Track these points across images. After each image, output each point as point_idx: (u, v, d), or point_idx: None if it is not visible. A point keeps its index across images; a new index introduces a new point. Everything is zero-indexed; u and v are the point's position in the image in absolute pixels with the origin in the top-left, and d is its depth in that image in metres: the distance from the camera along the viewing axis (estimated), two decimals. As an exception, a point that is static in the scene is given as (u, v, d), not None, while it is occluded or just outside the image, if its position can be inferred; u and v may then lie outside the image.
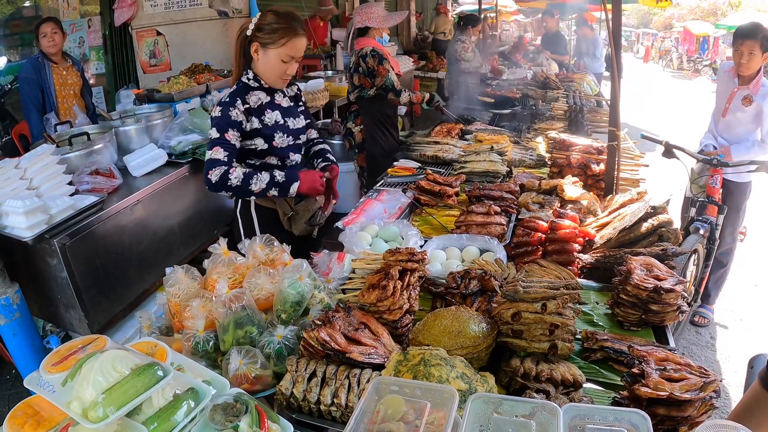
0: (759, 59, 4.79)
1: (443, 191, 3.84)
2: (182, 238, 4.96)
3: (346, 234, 3.14)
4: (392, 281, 2.33)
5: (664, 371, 1.90)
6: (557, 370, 2.02)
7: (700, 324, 5.42)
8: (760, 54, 4.76)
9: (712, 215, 4.70)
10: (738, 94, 4.98)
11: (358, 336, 2.11)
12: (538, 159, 4.84)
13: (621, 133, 3.93)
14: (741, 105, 4.94)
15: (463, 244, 3.13)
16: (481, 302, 2.50)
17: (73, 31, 8.57)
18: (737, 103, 4.97)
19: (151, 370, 1.70)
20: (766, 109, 4.83)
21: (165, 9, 8.04)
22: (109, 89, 8.75)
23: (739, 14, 28.58)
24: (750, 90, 4.89)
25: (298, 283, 2.35)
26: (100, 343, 1.85)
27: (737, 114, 5.00)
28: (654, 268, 2.58)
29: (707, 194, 4.76)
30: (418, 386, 1.67)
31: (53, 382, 1.74)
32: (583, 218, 3.44)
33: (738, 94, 4.98)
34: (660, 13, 46.60)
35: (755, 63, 4.82)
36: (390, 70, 5.73)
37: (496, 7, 18.92)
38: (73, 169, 4.33)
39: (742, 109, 4.95)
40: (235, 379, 2.04)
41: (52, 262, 3.86)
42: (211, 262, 2.56)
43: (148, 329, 2.54)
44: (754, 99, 4.86)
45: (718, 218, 4.76)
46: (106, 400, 1.60)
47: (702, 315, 5.47)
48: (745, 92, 4.92)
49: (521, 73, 9.97)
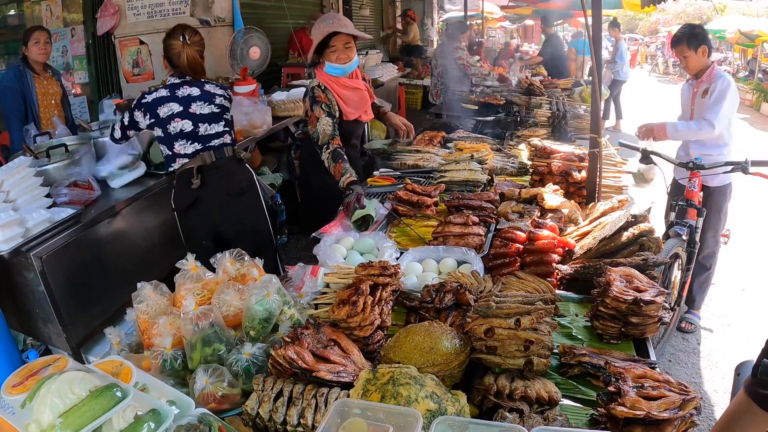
0: (695, 57, 5.02)
1: (422, 201, 3.79)
2: (162, 250, 4.91)
3: (320, 246, 3.09)
4: (362, 297, 2.28)
5: (641, 389, 1.86)
6: (532, 388, 1.98)
7: (687, 330, 5.40)
8: (693, 52, 4.99)
9: (692, 219, 4.72)
10: (698, 91, 5.10)
11: (326, 353, 2.06)
12: (520, 167, 4.80)
13: (603, 140, 3.91)
14: (702, 100, 5.04)
15: (440, 256, 3.09)
16: (456, 317, 2.45)
17: (57, 40, 8.51)
18: (699, 100, 5.09)
19: (109, 392, 1.67)
20: (715, 86, 4.93)
21: (148, 18, 8.01)
22: (92, 99, 8.71)
23: (724, 18, 28.68)
24: (705, 83, 5.02)
25: (266, 300, 2.30)
26: (61, 364, 1.82)
27: (702, 111, 5.05)
28: (634, 279, 2.54)
29: (686, 198, 4.75)
30: (381, 409, 1.63)
31: (13, 403, 1.72)
32: (564, 227, 3.40)
33: (698, 92, 5.10)
34: (645, 18, 46.77)
35: (694, 61, 5.04)
36: (320, 117, 4.16)
37: (482, 13, 18.95)
38: (52, 181, 4.29)
39: (704, 104, 5.03)
40: (202, 398, 2.00)
41: (28, 276, 3.81)
42: (179, 277, 2.52)
43: (118, 346, 2.49)
44: (710, 89, 4.97)
45: (697, 221, 4.78)
46: (63, 423, 1.59)
47: (688, 321, 5.45)
48: (703, 87, 5.04)
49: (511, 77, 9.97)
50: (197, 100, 4.11)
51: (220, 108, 4.23)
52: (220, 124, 4.21)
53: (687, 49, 4.99)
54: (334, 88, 4.30)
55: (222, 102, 4.25)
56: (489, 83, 9.53)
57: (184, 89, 4.12)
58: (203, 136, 4.12)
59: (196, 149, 4.09)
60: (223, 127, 4.23)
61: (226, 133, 4.24)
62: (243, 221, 4.24)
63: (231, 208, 4.18)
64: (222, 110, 4.24)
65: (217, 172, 4.13)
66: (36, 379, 1.74)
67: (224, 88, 4.38)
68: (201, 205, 4.12)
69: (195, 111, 4.09)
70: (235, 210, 4.21)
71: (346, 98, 4.36)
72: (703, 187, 4.93)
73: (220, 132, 4.20)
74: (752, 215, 7.77)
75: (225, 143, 4.22)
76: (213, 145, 4.15)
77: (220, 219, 4.17)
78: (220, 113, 4.22)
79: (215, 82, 4.35)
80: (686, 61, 5.07)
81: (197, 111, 4.10)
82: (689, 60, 5.03)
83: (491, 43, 26.06)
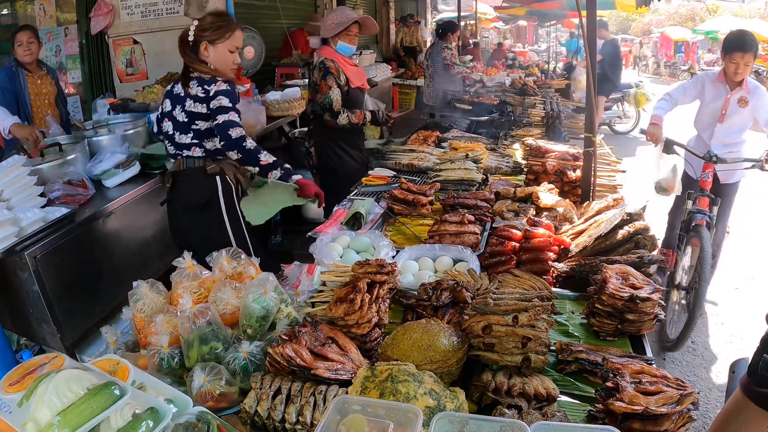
0: (750, 65, 5.02)
1: (417, 200, 3.80)
2: (157, 250, 4.89)
3: (316, 245, 3.09)
4: (360, 294, 2.28)
5: (639, 384, 1.87)
6: (530, 384, 1.98)
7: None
8: (752, 60, 4.99)
9: (703, 207, 4.89)
10: (732, 98, 5.14)
11: (324, 351, 2.06)
12: (514, 166, 4.82)
13: (597, 139, 3.92)
14: (738, 107, 5.13)
15: (436, 254, 3.09)
16: (453, 314, 2.45)
17: (50, 39, 8.48)
18: (734, 106, 5.15)
19: (107, 390, 1.66)
20: (759, 102, 5.06)
21: (142, 17, 7.98)
22: (86, 98, 8.65)
23: (716, 20, 28.84)
24: (743, 91, 5.09)
25: (264, 298, 2.30)
26: (58, 362, 1.81)
27: (734, 117, 5.19)
28: (630, 277, 2.55)
29: (700, 188, 4.95)
30: (381, 405, 1.63)
31: (10, 402, 1.71)
32: (559, 226, 3.40)
33: (733, 99, 5.14)
34: (638, 19, 46.93)
35: (748, 71, 5.05)
36: (332, 87, 5.06)
37: (475, 14, 18.97)
38: (45, 181, 4.27)
39: (739, 112, 5.15)
40: (200, 397, 2.00)
41: (23, 276, 3.78)
42: (176, 276, 2.51)
43: (114, 345, 2.49)
44: (748, 99, 5.08)
45: (711, 210, 4.94)
46: (61, 421, 1.58)
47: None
48: (739, 94, 5.11)
49: (500, 79, 9.96)
50: (178, 104, 3.84)
51: (189, 116, 3.79)
52: (188, 135, 3.85)
53: (752, 59, 4.98)
54: (340, 60, 5.22)
55: (191, 107, 3.78)
56: (478, 83, 9.55)
57: (178, 87, 3.90)
58: (177, 143, 3.90)
59: (175, 152, 3.95)
60: (191, 139, 3.85)
61: (194, 146, 3.87)
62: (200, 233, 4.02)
63: (189, 217, 4.02)
64: (191, 118, 3.80)
65: (184, 180, 3.98)
66: (33, 378, 1.73)
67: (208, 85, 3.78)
68: (170, 207, 4.08)
69: (176, 115, 3.85)
70: (193, 220, 4.01)
71: (349, 70, 5.29)
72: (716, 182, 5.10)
73: (187, 144, 3.86)
74: (745, 213, 7.79)
75: (191, 156, 3.89)
76: (183, 154, 3.91)
77: (181, 225, 4.08)
78: (187, 123, 3.81)
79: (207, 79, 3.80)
80: (745, 69, 5.01)
81: (177, 115, 3.85)
82: (747, 68, 5.01)
83: (484, 43, 26.14)
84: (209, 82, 3.75)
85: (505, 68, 14.25)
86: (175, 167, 3.99)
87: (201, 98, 3.74)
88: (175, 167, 4.00)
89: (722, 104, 5.21)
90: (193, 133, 3.84)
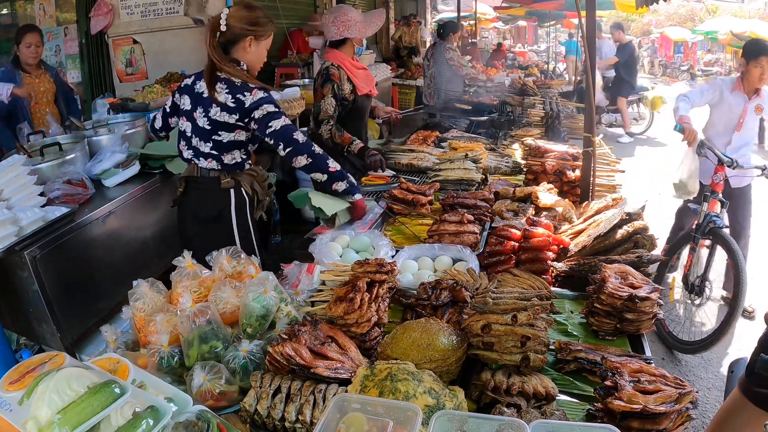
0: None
1: (416, 200, 3.80)
2: (157, 249, 4.89)
3: (316, 245, 3.09)
4: (359, 294, 2.29)
5: (638, 383, 1.88)
6: (529, 383, 1.99)
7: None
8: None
9: (715, 210, 4.98)
10: (750, 106, 5.26)
11: (324, 350, 2.07)
12: (513, 166, 4.83)
13: (596, 139, 3.92)
14: (754, 115, 5.29)
15: (435, 254, 3.10)
16: (452, 313, 2.46)
17: (50, 39, 8.48)
18: (751, 114, 5.28)
19: (108, 388, 1.66)
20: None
21: (141, 17, 7.99)
22: (85, 98, 8.65)
23: (716, 20, 28.80)
24: (760, 99, 5.23)
25: (263, 297, 2.30)
26: (59, 361, 1.82)
27: (750, 125, 5.34)
28: (629, 276, 2.56)
29: (712, 190, 5.00)
30: (381, 404, 1.64)
31: (10, 400, 1.71)
32: (558, 225, 3.41)
33: (750, 107, 5.26)
34: (638, 19, 46.88)
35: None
36: (327, 95, 4.75)
37: (475, 14, 18.96)
38: (45, 180, 4.26)
39: (753, 119, 5.32)
40: (200, 396, 2.00)
41: (22, 275, 3.78)
42: (176, 275, 2.52)
43: (114, 344, 2.49)
44: (764, 106, 5.24)
45: (721, 212, 5.02)
46: (62, 420, 1.58)
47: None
48: (756, 102, 5.23)
49: (499, 80, 9.97)
50: (201, 106, 3.53)
51: (212, 124, 3.50)
52: (207, 144, 3.57)
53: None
54: (348, 66, 4.92)
55: (216, 116, 3.47)
56: (482, 83, 9.54)
57: (200, 85, 3.59)
58: (195, 148, 3.62)
59: (190, 156, 3.67)
60: (210, 149, 3.58)
61: (211, 158, 3.60)
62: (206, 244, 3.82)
63: (197, 227, 3.86)
64: (214, 127, 3.51)
65: (196, 188, 3.77)
66: (33, 376, 1.74)
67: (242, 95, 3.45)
68: (180, 211, 3.93)
69: (196, 117, 3.54)
70: (201, 231, 3.83)
71: (357, 75, 4.99)
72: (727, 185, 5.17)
73: (204, 153, 3.60)
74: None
75: (209, 168, 3.65)
76: (199, 163, 3.66)
77: (189, 232, 3.93)
78: (209, 132, 3.53)
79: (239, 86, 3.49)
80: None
81: (198, 119, 3.53)
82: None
83: (484, 44, 26.14)
84: (242, 90, 3.44)
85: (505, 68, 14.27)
86: (188, 172, 3.76)
87: (231, 108, 3.44)
88: (188, 172, 3.77)
89: (740, 113, 5.29)
90: (213, 144, 3.55)
